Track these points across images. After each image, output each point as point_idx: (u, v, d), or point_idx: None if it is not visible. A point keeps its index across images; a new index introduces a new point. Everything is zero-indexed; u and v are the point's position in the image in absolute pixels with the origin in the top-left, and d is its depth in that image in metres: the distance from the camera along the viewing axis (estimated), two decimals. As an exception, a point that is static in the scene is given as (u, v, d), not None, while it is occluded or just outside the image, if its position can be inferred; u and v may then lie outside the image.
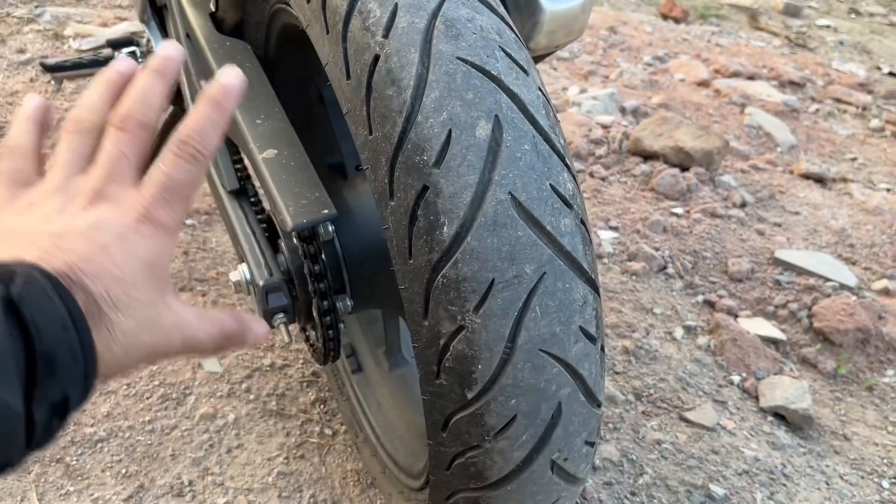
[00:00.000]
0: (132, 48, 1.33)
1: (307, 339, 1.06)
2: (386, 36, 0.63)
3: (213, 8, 1.02)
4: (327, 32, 0.67)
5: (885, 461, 1.32)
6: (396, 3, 0.63)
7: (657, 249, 1.73)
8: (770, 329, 1.55)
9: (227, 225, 0.98)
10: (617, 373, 1.41)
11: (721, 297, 1.63)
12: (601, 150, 2.12)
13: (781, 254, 1.72)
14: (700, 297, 1.63)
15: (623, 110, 2.47)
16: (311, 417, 1.21)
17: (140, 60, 1.33)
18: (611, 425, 1.30)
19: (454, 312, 0.62)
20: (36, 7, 2.54)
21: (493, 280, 0.61)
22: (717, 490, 1.19)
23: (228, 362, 1.27)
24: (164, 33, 1.33)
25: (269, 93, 0.89)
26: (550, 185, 0.63)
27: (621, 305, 1.56)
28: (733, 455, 1.27)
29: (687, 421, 1.32)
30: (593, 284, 0.66)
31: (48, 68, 1.30)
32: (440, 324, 0.63)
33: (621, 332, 1.50)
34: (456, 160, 0.60)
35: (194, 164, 0.44)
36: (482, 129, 0.61)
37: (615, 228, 1.80)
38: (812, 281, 1.66)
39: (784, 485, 1.23)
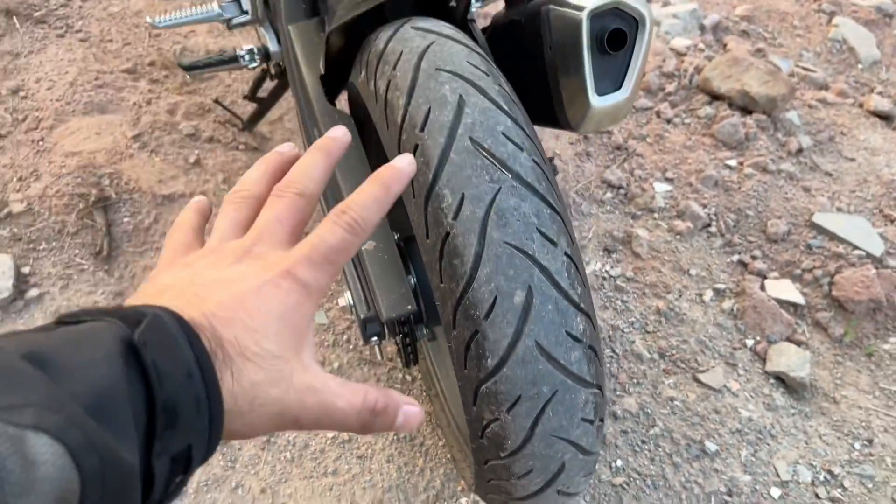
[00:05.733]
0: (253, 46, 1.55)
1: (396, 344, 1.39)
2: (454, 218, 0.87)
3: (322, 71, 1.24)
4: (413, 197, 0.92)
5: (863, 424, 1.60)
6: (463, 194, 0.87)
7: (704, 206, 1.93)
8: (793, 292, 1.78)
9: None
10: (647, 332, 1.69)
11: (755, 258, 1.84)
12: (671, 86, 2.24)
13: (819, 218, 1.89)
14: (735, 257, 1.85)
15: (703, 28, 2.52)
16: (395, 366, 1.56)
17: (257, 56, 1.55)
18: (634, 380, 1.61)
19: (493, 411, 0.92)
20: None
21: (520, 395, 0.90)
22: (711, 446, 1.51)
23: (333, 315, 1.61)
24: (278, 37, 1.55)
25: (360, 178, 1.14)
26: (566, 331, 0.89)
27: (662, 266, 1.81)
28: (731, 415, 1.57)
29: (699, 382, 1.62)
30: (597, 389, 0.94)
31: (185, 67, 1.55)
32: (482, 414, 0.93)
33: (658, 293, 1.76)
34: (498, 318, 0.87)
35: (349, 233, 0.45)
36: (518, 296, 0.87)
37: (670, 181, 1.99)
38: (841, 248, 1.84)
39: (768, 444, 1.54)
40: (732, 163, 2.04)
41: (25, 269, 1.58)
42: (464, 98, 0.91)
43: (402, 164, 0.49)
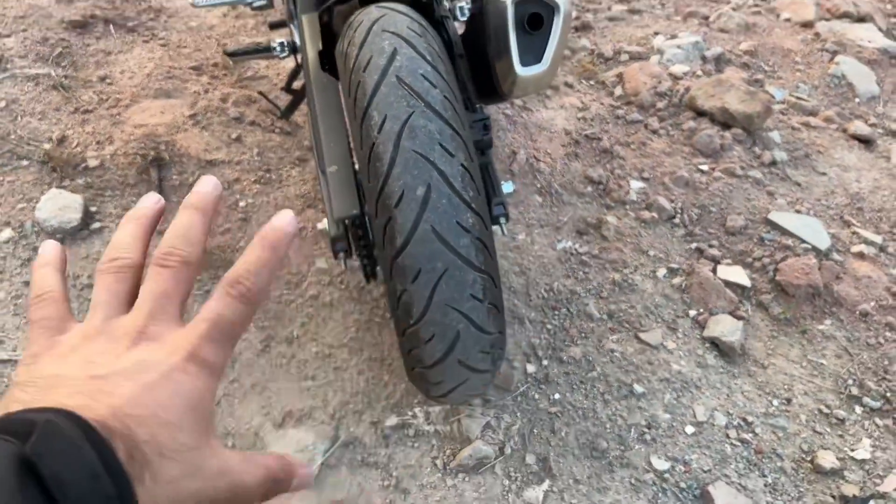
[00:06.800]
0: (285, 39, 1.92)
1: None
2: (379, 132, 1.19)
3: (319, 46, 1.59)
4: (354, 118, 1.24)
5: (785, 386, 1.79)
6: (386, 115, 1.18)
7: (672, 202, 2.17)
8: (741, 276, 1.99)
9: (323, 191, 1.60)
10: (601, 298, 1.94)
11: (712, 246, 2.07)
12: (662, 104, 2.51)
13: (774, 216, 2.11)
14: (694, 245, 2.08)
15: (704, 59, 2.78)
16: (378, 305, 1.86)
17: (286, 48, 1.92)
18: (583, 334, 1.85)
19: (402, 282, 1.21)
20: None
21: (420, 269, 1.19)
22: (639, 388, 1.74)
23: (332, 262, 1.94)
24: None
25: (341, 123, 1.47)
26: (456, 221, 1.18)
27: (624, 246, 2.06)
28: (663, 367, 1.79)
29: (639, 339, 1.85)
30: (485, 273, 1.21)
31: (229, 54, 1.94)
32: (396, 287, 1.22)
33: (616, 267, 2.01)
34: (405, 206, 1.17)
35: (245, 305, 0.44)
36: (420, 190, 1.17)
37: (646, 180, 2.25)
38: (790, 242, 2.05)
39: (692, 392, 1.75)
40: (704, 167, 2.28)
41: (93, 209, 1.98)
42: (397, 49, 1.23)
43: (284, 224, 0.48)
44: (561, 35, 1.43)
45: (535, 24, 1.40)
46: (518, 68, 1.43)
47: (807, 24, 3.12)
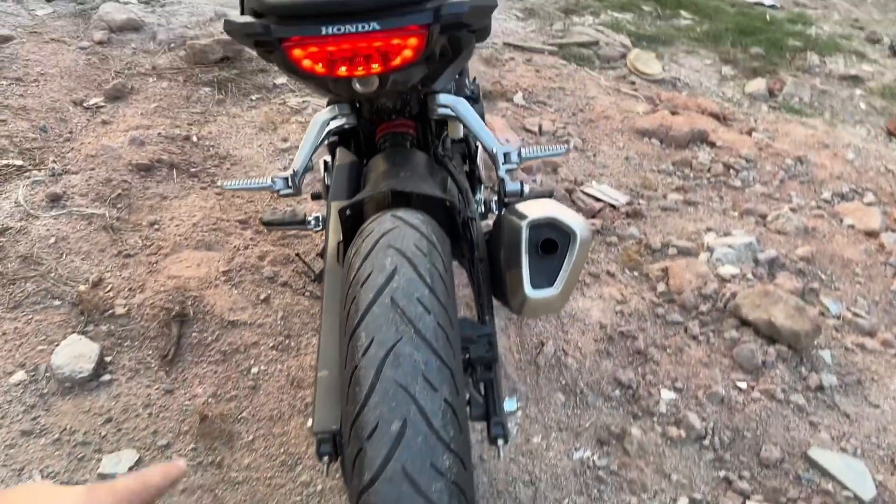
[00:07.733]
0: (320, 214, 1.94)
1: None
2: (363, 356, 1.14)
3: (340, 237, 1.58)
4: (344, 334, 1.20)
5: None
6: (373, 338, 1.13)
7: (703, 420, 2.03)
8: (772, 518, 1.81)
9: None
10: (613, 524, 1.78)
11: (742, 477, 1.90)
12: (705, 307, 2.41)
13: (815, 452, 1.94)
14: (722, 473, 1.92)
15: (756, 261, 2.68)
16: (371, 500, 1.75)
17: (320, 222, 1.94)
18: (587, 566, 1.69)
19: (366, 520, 1.12)
20: (303, 101, 3.34)
21: (386, 511, 1.10)
22: None
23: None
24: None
25: (337, 325, 1.43)
26: (430, 463, 1.10)
27: (646, 465, 1.91)
28: None
29: (648, 580, 1.67)
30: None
31: (264, 223, 1.97)
32: (360, 522, 1.14)
33: (634, 489, 1.86)
34: (377, 440, 1.10)
35: None
36: (395, 425, 1.10)
37: (678, 391, 2.12)
38: (830, 486, 1.86)
39: None
40: (743, 385, 2.14)
41: (108, 358, 1.98)
42: (398, 269, 1.20)
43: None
44: (576, 262, 1.38)
45: (550, 248, 1.36)
46: (528, 289, 1.38)
47: (871, 234, 3.01)
